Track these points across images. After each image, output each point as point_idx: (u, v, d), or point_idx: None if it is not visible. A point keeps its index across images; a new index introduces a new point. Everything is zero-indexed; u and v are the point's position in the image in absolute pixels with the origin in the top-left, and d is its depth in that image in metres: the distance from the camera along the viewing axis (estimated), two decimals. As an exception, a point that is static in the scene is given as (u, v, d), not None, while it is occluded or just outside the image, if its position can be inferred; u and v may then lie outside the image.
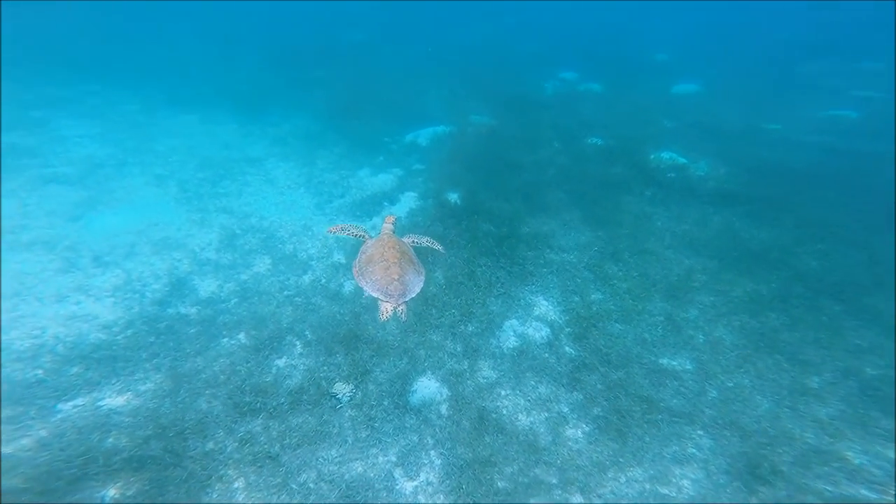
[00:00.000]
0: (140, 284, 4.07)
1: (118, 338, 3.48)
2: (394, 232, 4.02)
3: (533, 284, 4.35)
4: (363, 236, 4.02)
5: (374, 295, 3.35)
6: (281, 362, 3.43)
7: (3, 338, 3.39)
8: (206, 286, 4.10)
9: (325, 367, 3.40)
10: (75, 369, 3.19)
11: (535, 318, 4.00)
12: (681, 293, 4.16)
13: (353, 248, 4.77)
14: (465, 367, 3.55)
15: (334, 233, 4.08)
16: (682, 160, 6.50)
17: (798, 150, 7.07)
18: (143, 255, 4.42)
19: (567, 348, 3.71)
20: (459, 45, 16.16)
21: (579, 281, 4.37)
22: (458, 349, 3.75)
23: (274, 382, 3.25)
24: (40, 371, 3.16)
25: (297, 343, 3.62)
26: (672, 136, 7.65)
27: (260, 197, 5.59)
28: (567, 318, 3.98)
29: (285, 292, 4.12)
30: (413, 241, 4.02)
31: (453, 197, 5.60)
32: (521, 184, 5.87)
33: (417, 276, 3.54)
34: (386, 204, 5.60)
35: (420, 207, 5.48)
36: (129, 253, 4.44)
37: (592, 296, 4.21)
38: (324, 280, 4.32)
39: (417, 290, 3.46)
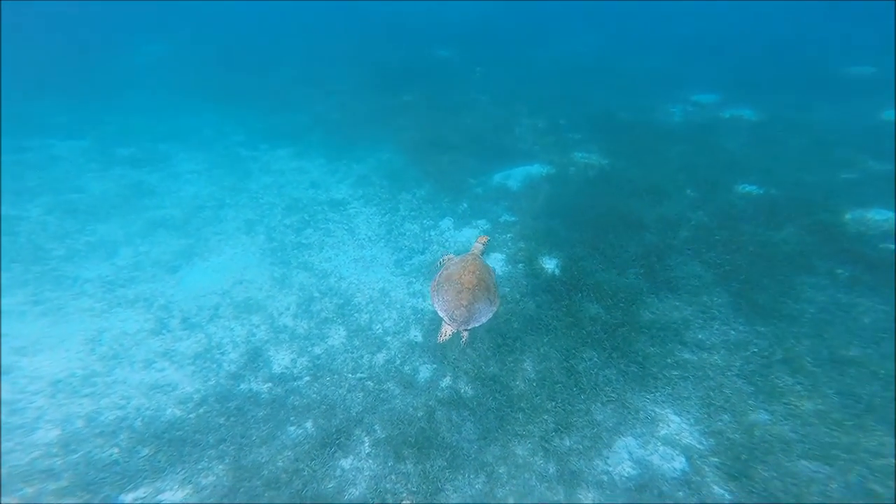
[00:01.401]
0: (219, 353, 4.68)
1: (191, 416, 3.98)
2: (482, 253, 4.39)
3: (658, 392, 3.83)
4: (447, 259, 4.61)
5: (440, 314, 3.86)
6: (346, 463, 3.57)
7: (95, 406, 4.01)
8: (281, 359, 4.59)
9: (393, 476, 3.43)
10: (146, 451, 3.67)
11: (662, 440, 3.45)
12: None
13: (432, 322, 4.91)
14: (561, 498, 3.20)
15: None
16: None
17: None
18: (225, 317, 5.15)
19: (717, 489, 3.05)
20: (560, 60, 16.51)
21: (729, 392, 3.68)
22: (551, 470, 3.43)
23: (336, 490, 3.38)
24: (116, 450, 3.69)
25: (366, 440, 3.75)
26: (882, 185, 6.22)
27: (340, 251, 6.25)
28: (713, 443, 3.33)
29: (358, 374, 4.37)
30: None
31: (550, 264, 5.42)
32: (642, 249, 5.39)
33: (489, 305, 3.92)
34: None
35: (508, 275, 5.43)
36: (214, 315, 5.17)
37: (753, 415, 3.47)
38: (398, 361, 4.49)
39: (484, 320, 3.88)
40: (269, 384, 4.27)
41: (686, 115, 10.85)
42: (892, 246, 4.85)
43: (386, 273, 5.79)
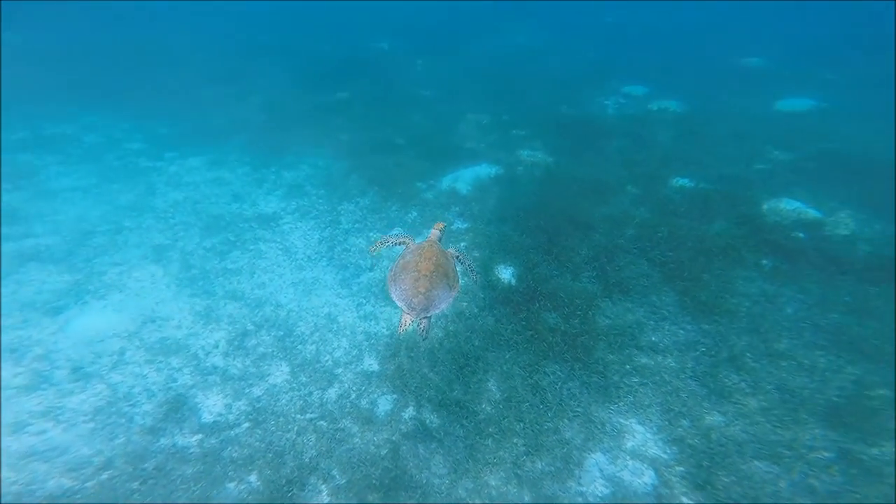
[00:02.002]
0: (128, 405, 4.08)
1: (88, 484, 3.39)
2: (440, 240, 4.37)
3: (621, 402, 4.00)
4: (406, 242, 4.40)
5: (398, 304, 3.83)
6: (303, 524, 3.29)
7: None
8: (212, 405, 4.12)
9: (359, 530, 3.22)
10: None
11: (630, 453, 3.62)
12: (854, 418, 3.60)
13: (388, 347, 4.71)
14: (540, 530, 3.24)
15: (376, 251, 4.37)
16: (812, 212, 5.93)
17: None
18: (134, 363, 4.49)
19: (686, 500, 3.25)
20: (500, 53, 16.72)
21: (685, 396, 3.95)
22: (527, 499, 3.44)
23: (295, 563, 3.10)
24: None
25: (324, 488, 3.50)
26: (791, 175, 7.10)
27: (275, 275, 5.75)
28: (677, 451, 3.55)
29: (308, 413, 4.06)
30: (457, 255, 4.40)
31: (506, 274, 5.44)
32: (592, 251, 5.61)
33: (448, 290, 3.90)
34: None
35: (464, 287, 5.35)
36: (118, 362, 4.48)
37: (709, 418, 3.76)
38: (354, 395, 4.24)
39: (444, 306, 3.85)
40: (199, 436, 3.83)
41: (619, 107, 11.53)
42: (802, 235, 5.54)
43: (331, 296, 5.44)
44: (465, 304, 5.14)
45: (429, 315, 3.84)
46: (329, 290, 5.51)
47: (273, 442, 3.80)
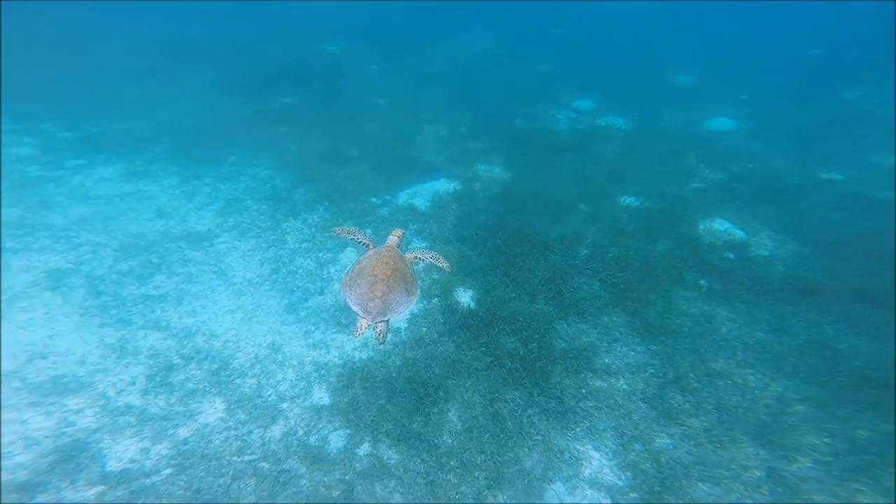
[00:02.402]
0: None
1: None
2: (398, 246, 4.46)
3: (577, 427, 4.15)
4: (367, 244, 4.45)
5: (354, 309, 3.86)
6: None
7: None
8: (122, 451, 3.71)
9: None
10: None
11: (588, 482, 3.76)
12: (778, 435, 3.99)
13: (340, 377, 4.52)
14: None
15: (339, 234, 4.47)
16: (740, 234, 6.61)
17: (875, 212, 7.31)
18: (10, 408, 3.94)
19: None
20: (457, 60, 16.90)
21: (637, 419, 4.19)
22: (489, 536, 3.45)
23: None
24: None
25: (267, 546, 3.25)
26: (720, 195, 7.85)
27: (209, 301, 5.32)
28: (630, 477, 3.74)
29: (247, 455, 3.80)
30: (416, 257, 4.50)
31: (465, 297, 5.46)
32: (548, 272, 5.80)
33: (406, 295, 3.96)
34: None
35: (423, 312, 5.30)
36: None
37: (658, 441, 4.01)
38: (301, 432, 4.03)
39: (402, 310, 3.92)
40: (101, 487, 3.43)
41: (570, 121, 12.13)
42: (732, 255, 6.17)
43: (275, 323, 5.15)
44: (424, 329, 5.09)
45: (386, 319, 3.87)
46: (273, 317, 5.21)
47: (201, 489, 3.50)
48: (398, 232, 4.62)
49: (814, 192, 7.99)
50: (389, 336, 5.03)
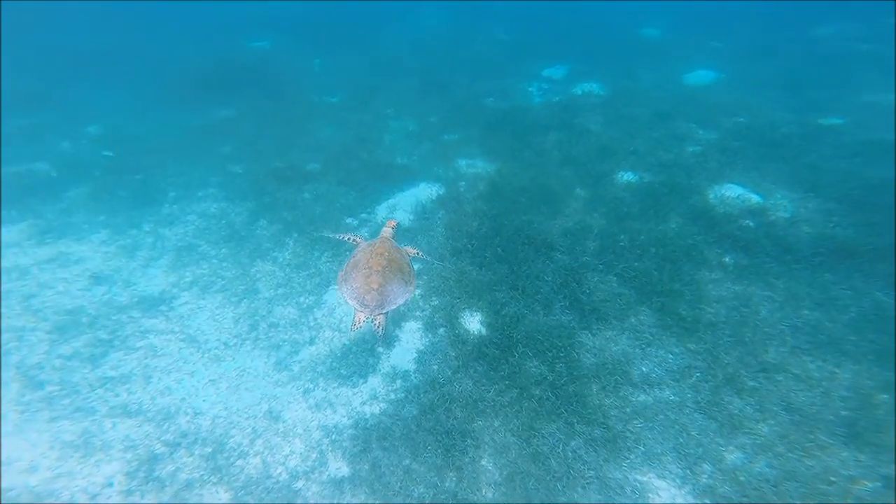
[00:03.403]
0: None
1: None
2: (392, 238, 4.58)
3: (631, 454, 3.98)
4: (356, 241, 4.65)
5: (350, 303, 3.98)
6: None
7: None
8: None
9: None
10: None
11: (663, 518, 3.57)
12: (871, 433, 3.81)
13: (355, 440, 4.21)
14: None
15: (334, 237, 4.79)
16: (754, 197, 6.53)
17: (889, 156, 7.29)
18: None
19: None
20: (410, 42, 16.33)
21: (697, 434, 4.02)
22: None
23: None
24: None
25: None
26: (721, 156, 7.79)
27: (183, 374, 4.88)
28: None
29: None
30: (417, 253, 4.67)
31: (474, 322, 5.17)
32: (559, 275, 5.58)
33: (403, 286, 4.07)
34: (381, 348, 5.05)
35: (431, 348, 5.00)
36: None
37: (729, 457, 3.85)
38: (326, 517, 3.69)
39: (400, 301, 4.03)
40: None
41: (543, 93, 11.89)
42: (751, 223, 6.08)
43: (268, 386, 4.78)
44: (435, 367, 4.81)
45: (384, 311, 3.98)
46: (263, 381, 4.82)
47: None
48: (392, 223, 4.71)
49: (818, 140, 8.03)
50: (399, 381, 4.74)
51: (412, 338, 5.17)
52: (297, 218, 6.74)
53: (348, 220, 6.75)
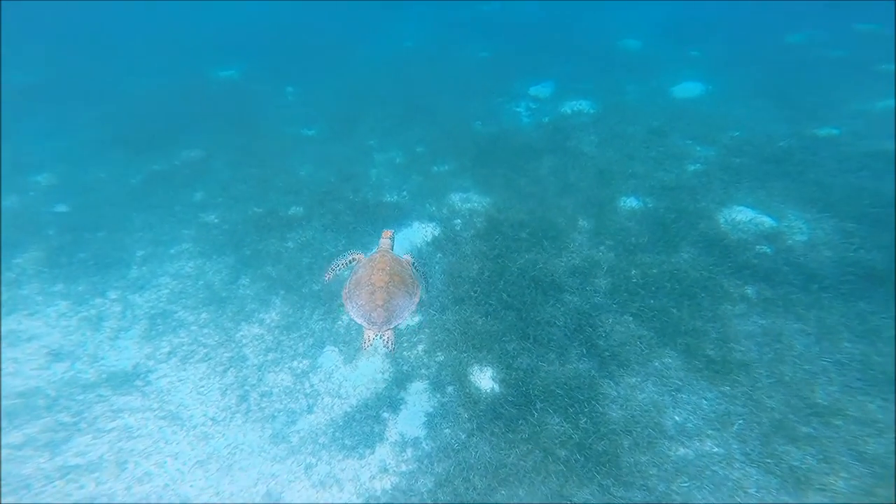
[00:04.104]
0: None
1: None
2: (391, 248, 4.90)
3: (682, 521, 3.86)
4: (356, 259, 4.96)
5: (358, 321, 4.31)
6: None
7: None
8: None
9: None
10: None
11: None
12: None
13: None
14: None
15: (331, 277, 5.03)
16: (767, 220, 6.69)
17: (893, 167, 7.54)
18: None
19: None
20: (388, 64, 16.60)
21: (757, 493, 3.92)
22: None
23: None
24: None
25: None
26: (724, 175, 8.01)
27: (165, 456, 4.66)
28: None
29: None
30: (413, 263, 4.97)
31: (485, 378, 5.09)
32: (571, 319, 5.57)
33: (408, 298, 4.41)
34: (386, 414, 4.91)
35: (440, 410, 4.89)
36: None
37: None
38: None
39: (406, 314, 4.39)
40: None
41: (532, 114, 12.13)
42: (768, 249, 6.21)
43: (264, 463, 4.58)
44: (447, 431, 4.71)
45: (392, 326, 4.32)
46: (259, 457, 4.64)
47: None
48: (388, 233, 5.02)
49: (818, 153, 8.33)
50: (409, 450, 4.59)
51: (419, 399, 5.04)
52: (283, 272, 6.59)
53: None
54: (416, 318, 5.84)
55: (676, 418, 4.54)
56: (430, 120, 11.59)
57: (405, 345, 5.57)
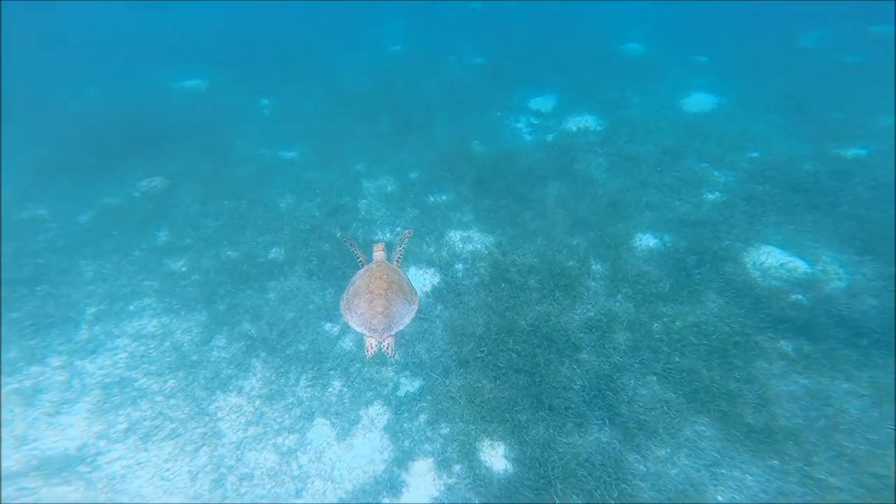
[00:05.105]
0: None
1: None
2: (387, 258, 5.42)
3: None
4: (361, 261, 5.49)
5: (359, 330, 4.73)
6: None
7: None
8: None
9: None
10: None
11: None
12: None
13: None
14: None
15: (347, 240, 5.73)
16: (800, 264, 6.73)
17: None
18: None
19: None
20: (374, 71, 16.60)
21: None
22: None
23: None
24: None
25: None
26: (748, 206, 8.09)
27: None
28: None
29: None
30: (399, 255, 5.59)
31: (496, 456, 4.98)
32: (589, 382, 5.49)
33: (407, 305, 4.86)
34: (387, 500, 4.75)
35: (448, 494, 4.75)
36: None
37: None
38: None
39: (407, 321, 4.81)
40: None
41: (534, 131, 12.20)
42: (803, 298, 6.22)
43: None
44: (455, 523, 4.50)
45: (393, 333, 4.71)
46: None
47: None
48: (380, 246, 5.56)
49: (849, 180, 8.45)
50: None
51: (423, 482, 4.88)
52: (264, 330, 6.39)
53: (327, 327, 6.44)
54: (417, 384, 5.71)
55: (720, 498, 4.45)
56: (423, 139, 11.57)
57: (405, 417, 5.42)
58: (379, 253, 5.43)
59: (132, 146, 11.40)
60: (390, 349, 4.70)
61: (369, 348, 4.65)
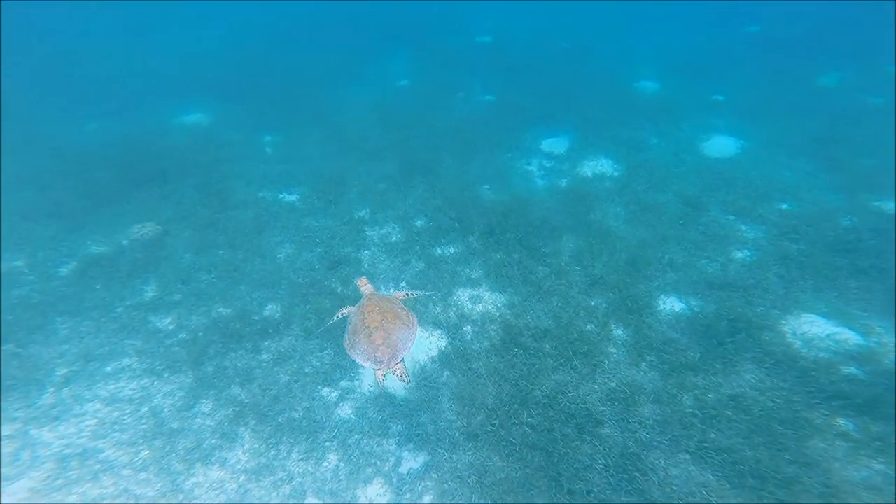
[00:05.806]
0: None
1: None
2: (374, 291, 6.22)
3: None
4: (346, 313, 6.17)
5: (366, 365, 5.39)
6: None
7: None
8: None
9: None
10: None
11: None
12: None
13: None
14: None
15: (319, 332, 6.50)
16: (849, 335, 6.56)
17: None
18: None
19: None
20: (381, 107, 17.04)
21: None
22: None
23: None
24: None
25: None
26: (783, 268, 8.00)
27: None
28: None
29: None
30: (407, 295, 6.63)
31: (513, 553, 4.68)
32: (614, 460, 5.28)
33: (406, 329, 5.51)
34: None
35: None
36: None
37: None
38: None
39: (410, 345, 5.46)
40: None
41: (546, 175, 12.30)
42: (857, 371, 6.05)
43: None
44: None
45: (399, 361, 5.32)
46: None
47: None
48: (363, 280, 6.53)
49: (890, 238, 8.34)
50: None
51: (424, 581, 4.61)
52: (255, 395, 6.24)
53: (324, 393, 6.27)
54: (421, 459, 5.49)
55: None
56: (430, 182, 11.65)
57: (407, 496, 5.19)
58: (366, 287, 6.31)
59: (126, 187, 11.55)
60: (403, 376, 5.35)
61: (379, 380, 5.48)
